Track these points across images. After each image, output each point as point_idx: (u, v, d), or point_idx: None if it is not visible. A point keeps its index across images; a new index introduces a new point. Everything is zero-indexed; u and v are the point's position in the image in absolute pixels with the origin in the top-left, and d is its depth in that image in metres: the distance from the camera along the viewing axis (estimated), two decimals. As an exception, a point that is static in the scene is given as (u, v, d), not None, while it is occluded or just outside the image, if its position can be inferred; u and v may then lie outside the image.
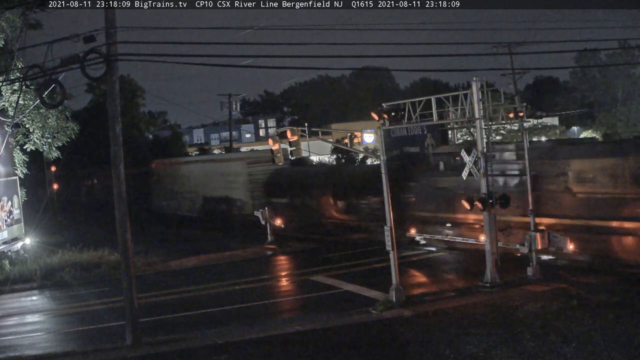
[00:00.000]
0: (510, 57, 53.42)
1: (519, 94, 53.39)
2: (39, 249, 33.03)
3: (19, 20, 29.03)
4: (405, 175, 29.40)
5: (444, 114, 23.18)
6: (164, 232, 43.69)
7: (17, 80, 25.85)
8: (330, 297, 22.36)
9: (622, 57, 63.84)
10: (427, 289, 22.24)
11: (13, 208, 32.94)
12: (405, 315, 18.99)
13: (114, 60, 17.42)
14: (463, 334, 16.55)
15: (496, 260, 21.38)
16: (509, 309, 18.74)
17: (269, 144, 23.78)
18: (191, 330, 18.96)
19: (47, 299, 25.92)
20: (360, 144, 46.38)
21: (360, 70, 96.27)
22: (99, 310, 22.48)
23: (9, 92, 29.32)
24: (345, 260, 28.45)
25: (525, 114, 22.50)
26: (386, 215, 20.74)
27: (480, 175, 21.42)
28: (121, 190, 18.00)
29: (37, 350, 18.19)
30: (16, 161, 33.00)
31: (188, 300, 23.42)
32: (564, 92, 79.49)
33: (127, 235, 17.99)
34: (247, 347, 17.15)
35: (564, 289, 20.36)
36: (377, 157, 34.94)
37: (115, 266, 27.17)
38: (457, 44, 42.58)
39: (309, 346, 17.12)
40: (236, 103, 66.53)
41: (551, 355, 14.58)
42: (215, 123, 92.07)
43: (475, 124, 21.65)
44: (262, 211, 34.50)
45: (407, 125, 22.80)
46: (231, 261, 31.05)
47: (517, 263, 23.44)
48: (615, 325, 16.27)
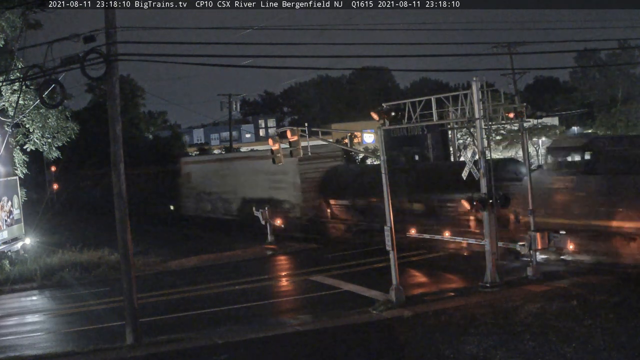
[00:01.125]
0: (510, 57, 53.39)
1: (519, 94, 53.39)
2: (39, 249, 33.02)
3: (19, 20, 29.03)
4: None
5: (444, 114, 23.16)
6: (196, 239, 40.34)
7: (17, 80, 25.85)
8: (330, 297, 22.36)
9: (622, 57, 63.87)
10: (427, 289, 22.23)
11: (13, 208, 32.94)
12: (405, 315, 18.98)
13: (114, 60, 17.43)
14: (463, 334, 16.54)
15: (496, 260, 21.39)
16: (509, 309, 18.73)
17: (269, 144, 23.79)
18: (191, 330, 18.95)
19: (47, 299, 25.92)
20: (360, 144, 46.33)
21: (360, 70, 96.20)
22: (99, 310, 22.48)
23: (9, 92, 29.33)
24: (345, 260, 28.45)
25: (525, 114, 22.47)
26: (386, 215, 20.75)
27: (481, 175, 21.43)
28: (121, 190, 18.00)
29: (37, 350, 18.19)
30: (16, 161, 33.01)
31: (188, 300, 23.42)
32: (564, 92, 79.56)
33: (127, 235, 17.99)
34: (247, 347, 17.15)
35: (564, 289, 20.36)
36: (376, 157, 34.84)
37: (115, 266, 27.15)
38: (457, 44, 42.76)
39: (309, 346, 17.12)
40: (236, 103, 66.49)
41: (551, 355, 14.58)
42: (215, 123, 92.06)
43: (475, 124, 21.65)
44: (262, 211, 34.52)
45: (407, 125, 22.77)
46: (231, 261, 31.05)
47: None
48: (615, 325, 16.26)
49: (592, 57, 65.54)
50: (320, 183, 36.19)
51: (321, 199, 35.92)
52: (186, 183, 49.34)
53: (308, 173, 36.07)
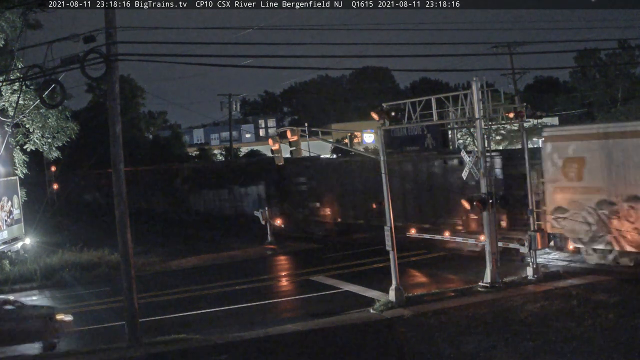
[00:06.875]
0: (510, 57, 53.37)
1: (519, 94, 53.36)
2: (39, 249, 33.01)
3: (19, 20, 29.00)
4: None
5: (444, 114, 23.18)
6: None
7: (17, 80, 25.84)
8: (330, 297, 22.37)
9: (622, 57, 63.80)
10: (427, 289, 22.22)
11: (13, 208, 32.94)
12: (405, 315, 18.99)
13: (114, 60, 17.42)
14: (463, 334, 16.55)
15: (496, 260, 21.40)
16: (509, 309, 18.74)
17: (269, 144, 23.79)
18: (191, 330, 18.95)
19: (47, 299, 25.90)
20: (360, 144, 46.31)
21: (360, 70, 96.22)
22: (99, 310, 22.48)
23: (9, 92, 29.32)
24: (345, 260, 28.45)
25: (525, 114, 22.49)
26: (386, 215, 20.76)
27: (481, 175, 21.43)
28: (121, 190, 17.99)
29: (37, 350, 18.18)
30: (16, 161, 33.00)
31: (188, 300, 23.42)
32: (564, 92, 79.46)
33: (127, 235, 17.98)
34: (247, 347, 17.14)
35: (564, 289, 20.37)
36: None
37: (115, 266, 27.12)
38: (457, 44, 42.55)
39: (309, 346, 17.12)
40: (236, 103, 66.47)
41: (551, 355, 14.58)
42: (215, 123, 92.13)
43: (475, 124, 21.67)
44: (262, 211, 34.59)
45: (407, 125, 22.80)
46: (231, 261, 31.05)
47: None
48: (615, 325, 16.27)
49: (592, 57, 65.48)
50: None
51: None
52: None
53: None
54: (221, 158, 67.69)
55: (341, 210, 36.74)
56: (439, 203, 30.59)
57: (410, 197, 32.16)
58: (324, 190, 38.02)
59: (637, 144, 21.98)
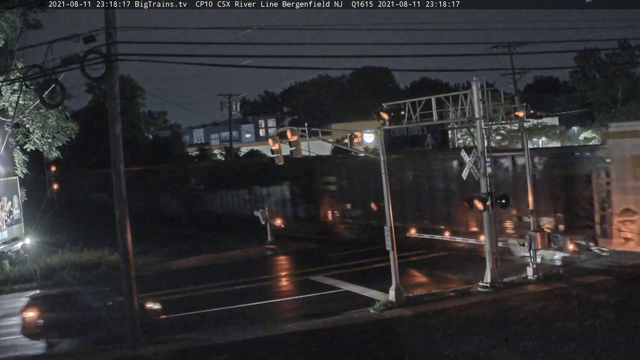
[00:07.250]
0: (510, 57, 53.43)
1: (519, 94, 53.38)
2: (39, 249, 33.01)
3: (19, 20, 29.03)
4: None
5: (444, 114, 23.18)
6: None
7: (17, 80, 25.85)
8: (330, 297, 22.36)
9: (622, 57, 63.80)
10: (427, 289, 22.22)
11: (13, 208, 32.95)
12: (405, 315, 18.99)
13: (114, 60, 17.43)
14: (463, 334, 16.55)
15: (496, 260, 21.40)
16: (509, 309, 18.75)
17: (269, 144, 23.77)
18: (191, 330, 18.95)
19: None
20: (360, 144, 46.26)
21: (360, 70, 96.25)
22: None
23: (9, 92, 29.34)
24: (345, 260, 28.45)
25: (525, 114, 22.49)
26: (386, 215, 20.75)
27: (481, 175, 21.43)
28: (121, 190, 18.00)
29: (37, 350, 18.18)
30: (16, 161, 33.02)
31: (188, 300, 23.41)
32: (564, 92, 79.45)
33: (127, 235, 17.99)
34: (247, 347, 17.14)
35: (564, 289, 20.37)
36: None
37: (115, 266, 27.13)
38: (457, 44, 42.58)
39: (309, 346, 17.11)
40: (236, 103, 66.49)
41: (551, 355, 14.58)
42: (215, 123, 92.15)
43: (475, 124, 21.67)
44: (262, 211, 34.58)
45: (407, 125, 22.81)
46: (231, 261, 31.05)
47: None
48: (615, 325, 16.27)
49: (592, 57, 65.49)
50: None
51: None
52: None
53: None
54: (221, 158, 67.66)
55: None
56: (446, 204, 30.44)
57: (423, 198, 31.79)
58: (357, 191, 35.71)
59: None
